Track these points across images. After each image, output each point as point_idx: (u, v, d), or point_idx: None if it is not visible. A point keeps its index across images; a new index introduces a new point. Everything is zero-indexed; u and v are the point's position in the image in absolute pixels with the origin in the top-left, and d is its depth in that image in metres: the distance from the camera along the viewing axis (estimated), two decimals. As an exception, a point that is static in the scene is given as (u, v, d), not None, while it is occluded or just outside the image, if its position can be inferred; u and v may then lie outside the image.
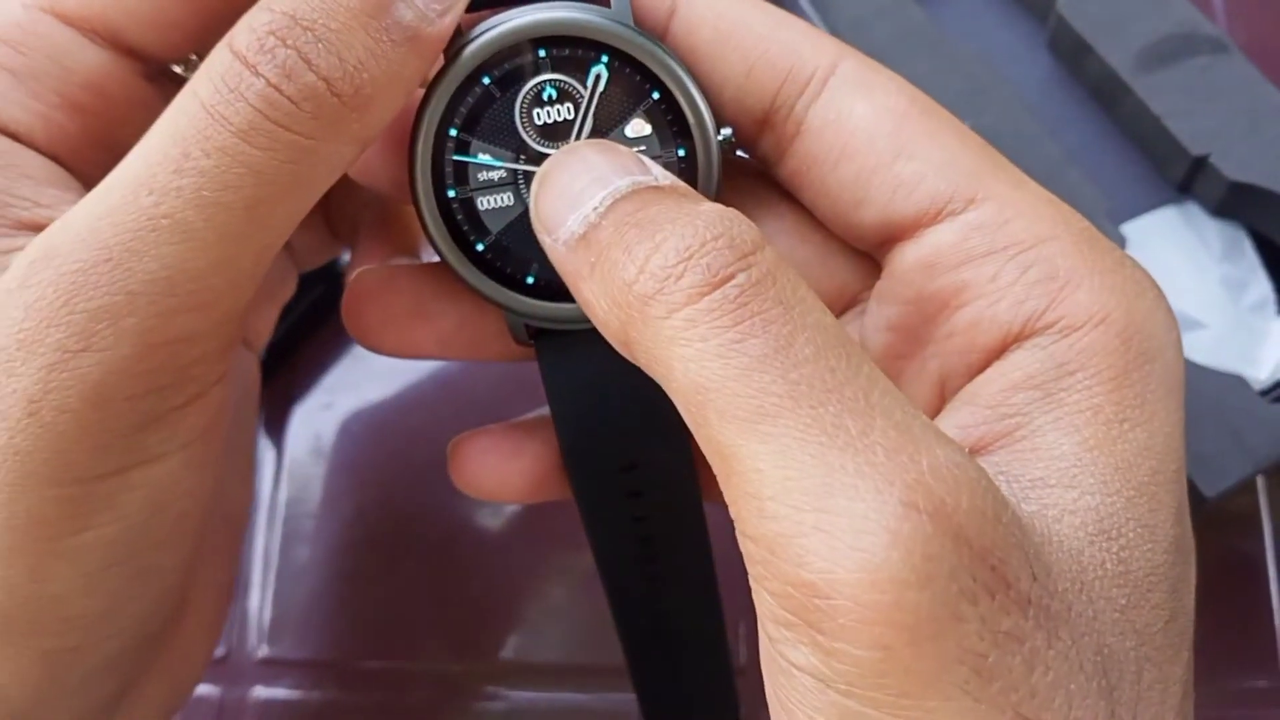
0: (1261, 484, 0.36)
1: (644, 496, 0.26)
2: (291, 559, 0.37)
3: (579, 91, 0.23)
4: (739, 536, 0.19)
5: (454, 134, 0.23)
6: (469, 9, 0.22)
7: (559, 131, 0.23)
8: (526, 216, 0.22)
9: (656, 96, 0.23)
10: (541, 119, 0.23)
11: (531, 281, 0.24)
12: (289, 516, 0.38)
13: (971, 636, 0.17)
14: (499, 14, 0.23)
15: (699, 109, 0.23)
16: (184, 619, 0.27)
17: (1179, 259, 0.36)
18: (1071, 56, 0.39)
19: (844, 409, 0.18)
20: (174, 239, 0.20)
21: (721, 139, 0.23)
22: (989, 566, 0.17)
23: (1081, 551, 0.19)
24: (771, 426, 0.18)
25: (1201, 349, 0.35)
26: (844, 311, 0.25)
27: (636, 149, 0.23)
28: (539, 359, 0.25)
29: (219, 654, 0.36)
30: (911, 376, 0.24)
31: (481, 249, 0.24)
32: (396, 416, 0.39)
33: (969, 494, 0.17)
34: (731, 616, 0.28)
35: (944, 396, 0.23)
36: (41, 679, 0.22)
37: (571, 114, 0.23)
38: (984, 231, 0.22)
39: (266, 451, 0.39)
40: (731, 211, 0.20)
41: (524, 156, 0.23)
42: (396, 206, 0.31)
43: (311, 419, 0.39)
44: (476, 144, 0.23)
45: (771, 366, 0.18)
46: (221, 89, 0.20)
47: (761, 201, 0.25)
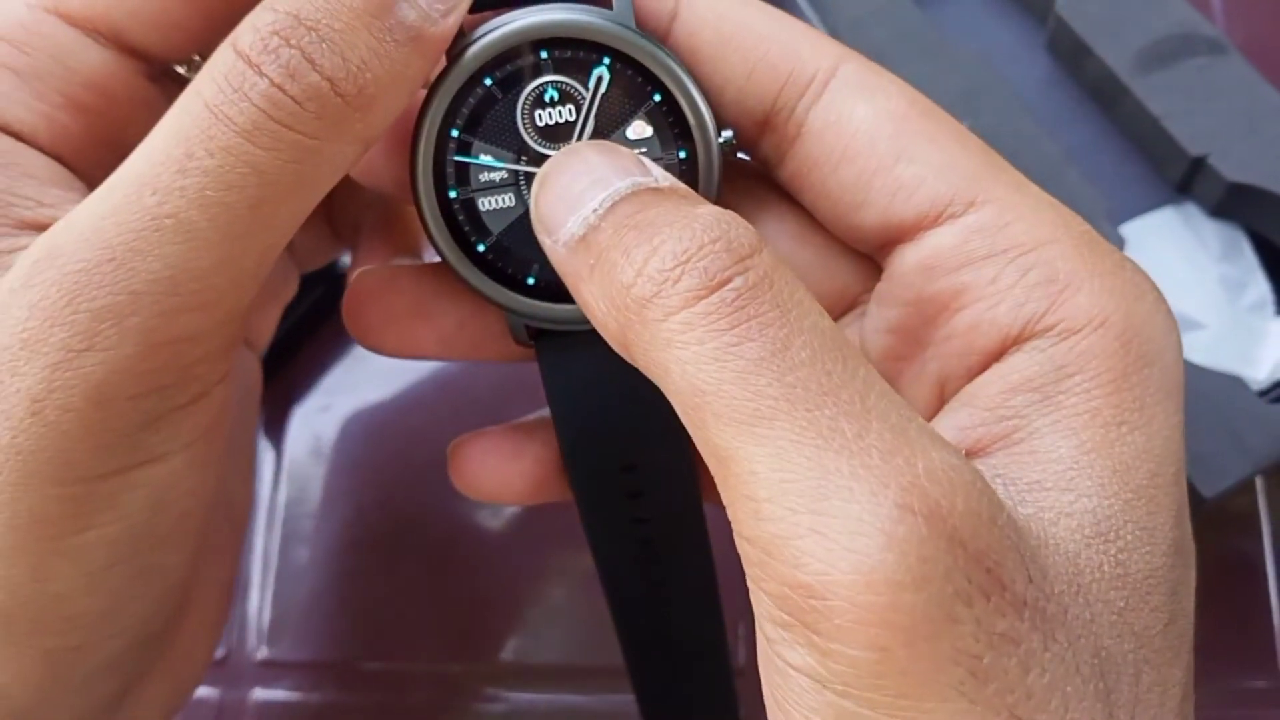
0: (1260, 484, 0.36)
1: (644, 498, 0.26)
2: (291, 560, 0.37)
3: (581, 93, 0.23)
4: (736, 538, 0.19)
5: (456, 135, 0.23)
6: (471, 10, 0.22)
7: (560, 133, 0.23)
8: (527, 217, 0.22)
9: (658, 99, 0.23)
10: (543, 120, 0.23)
11: (532, 282, 0.24)
12: (288, 517, 0.38)
13: (967, 638, 0.17)
14: (501, 15, 0.23)
15: (700, 111, 0.23)
16: (186, 618, 0.27)
17: (1177, 259, 0.36)
18: (1070, 57, 0.39)
19: (840, 412, 0.18)
20: (177, 238, 0.20)
21: (723, 141, 0.23)
22: (984, 569, 0.17)
23: (1078, 554, 0.19)
24: (768, 429, 0.18)
25: (1200, 349, 0.35)
26: (844, 313, 0.25)
27: (638, 151, 0.23)
28: (539, 360, 0.25)
29: (218, 655, 0.36)
30: (911, 378, 0.24)
31: (482, 249, 0.24)
32: (396, 417, 0.39)
33: (964, 497, 0.17)
34: (730, 618, 0.28)
35: (943, 398, 0.23)
36: (44, 678, 0.22)
37: (573, 115, 0.23)
38: (984, 234, 0.22)
39: (266, 452, 0.39)
40: (729, 214, 0.20)
41: (525, 158, 0.23)
42: (398, 207, 0.31)
43: (311, 420, 0.39)
44: (478, 145, 0.23)
45: (768, 369, 0.18)
46: (225, 89, 0.20)
47: (762, 203, 0.25)
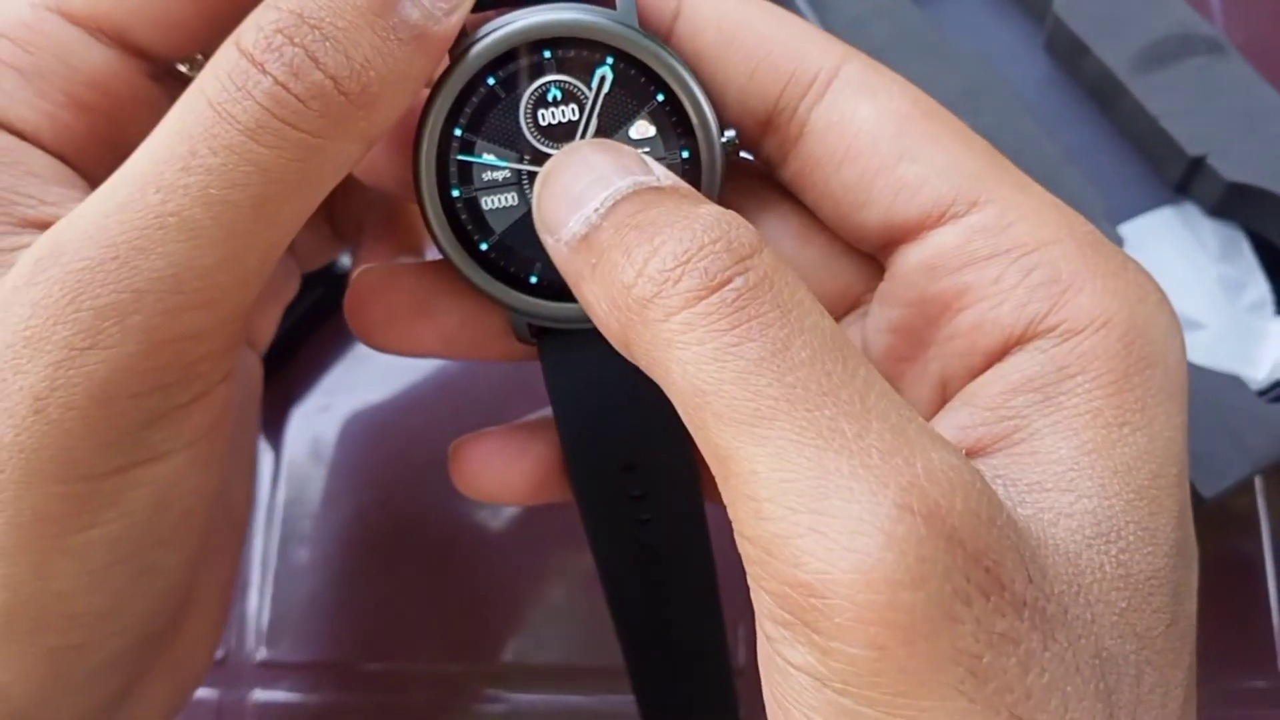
0: (1260, 484, 0.36)
1: (645, 499, 0.26)
2: (290, 561, 0.37)
3: (584, 93, 0.23)
4: (737, 537, 0.19)
5: (459, 134, 0.23)
6: (475, 9, 0.22)
7: (563, 132, 0.23)
8: (530, 216, 0.22)
9: (661, 98, 0.23)
10: (546, 120, 0.23)
11: (535, 281, 0.24)
12: (287, 518, 0.38)
13: (966, 637, 0.17)
14: (504, 14, 0.23)
15: (703, 111, 0.23)
16: (187, 617, 0.27)
17: (1176, 259, 0.36)
18: (1069, 57, 0.39)
19: (840, 412, 0.18)
20: (181, 236, 0.20)
21: (725, 141, 0.23)
22: (983, 568, 0.17)
23: (1079, 555, 0.19)
24: (768, 429, 0.18)
25: (1199, 349, 0.35)
26: (847, 313, 0.25)
27: (640, 150, 0.23)
28: (541, 358, 0.25)
29: (217, 656, 0.36)
30: (913, 378, 0.24)
31: (485, 248, 0.24)
32: (395, 418, 0.39)
33: (963, 497, 0.18)
34: (730, 618, 0.28)
35: (945, 398, 0.23)
36: (45, 677, 0.22)
37: (576, 115, 0.23)
38: (987, 234, 0.22)
39: (265, 453, 0.39)
40: (730, 214, 0.20)
41: (528, 157, 0.23)
42: (401, 206, 0.31)
43: (310, 421, 0.39)
44: (481, 144, 0.23)
45: (768, 370, 0.18)
46: (229, 87, 0.20)
47: (765, 203, 0.25)
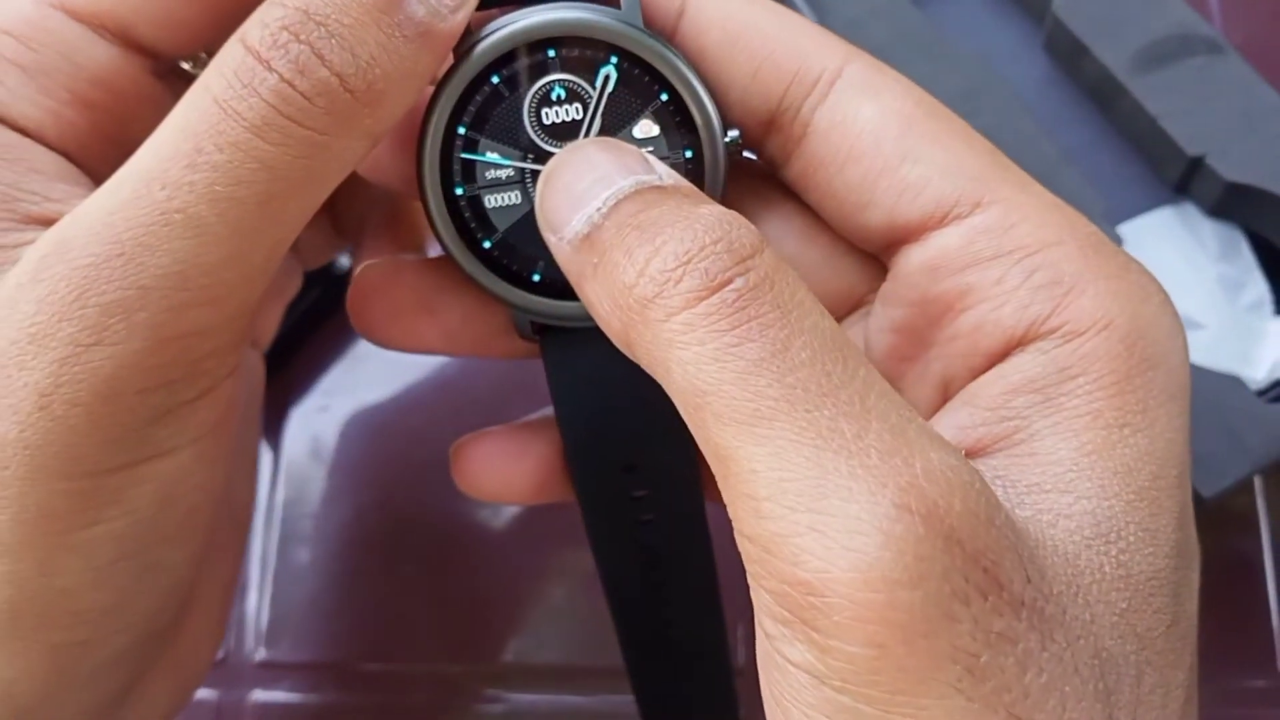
0: (1259, 484, 0.36)
1: (646, 499, 0.26)
2: (289, 561, 0.37)
3: (588, 92, 0.23)
4: (737, 536, 0.19)
5: (462, 132, 0.23)
6: (479, 7, 0.22)
7: (567, 131, 0.23)
8: (533, 215, 0.22)
9: (665, 98, 0.23)
10: (550, 119, 0.23)
11: (537, 279, 0.24)
12: (286, 518, 0.38)
13: (964, 636, 0.17)
14: (509, 13, 0.23)
15: (706, 110, 0.23)
16: (190, 615, 0.27)
17: (1175, 259, 0.36)
18: (1068, 57, 0.39)
19: (839, 412, 0.18)
20: (187, 234, 0.20)
21: (729, 140, 0.24)
22: (981, 568, 0.17)
23: (1078, 556, 0.19)
24: (768, 429, 0.18)
25: (1198, 349, 0.35)
26: (850, 312, 0.25)
27: (644, 150, 0.23)
28: (544, 355, 0.25)
29: (217, 656, 0.36)
30: (915, 378, 0.24)
31: (488, 246, 0.24)
32: (394, 418, 0.39)
33: (962, 497, 0.18)
34: (730, 618, 0.28)
35: (947, 398, 0.23)
36: (49, 673, 0.22)
37: (580, 114, 0.23)
38: (989, 235, 0.22)
39: (264, 453, 0.39)
40: (731, 214, 0.20)
41: (532, 155, 0.23)
42: (403, 203, 0.31)
43: (309, 421, 0.39)
44: (485, 142, 0.23)
45: (768, 370, 0.18)
46: (235, 84, 0.20)
47: (768, 202, 0.25)
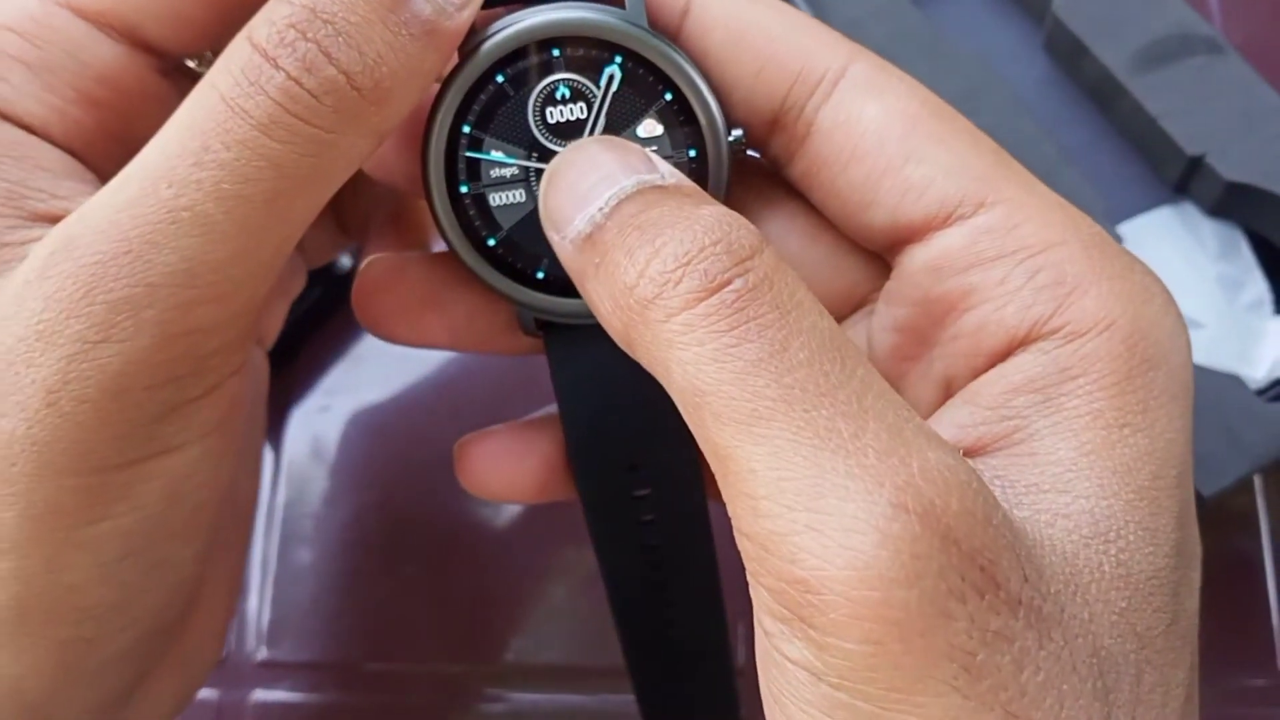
0: (1259, 483, 0.36)
1: (649, 499, 0.26)
2: (290, 561, 0.37)
3: (592, 91, 0.23)
4: (736, 534, 0.19)
5: (467, 130, 0.23)
6: (484, 6, 0.22)
7: (572, 130, 0.23)
8: (537, 213, 0.22)
9: (669, 97, 0.23)
10: (554, 118, 0.23)
11: (541, 276, 0.24)
12: (287, 518, 0.38)
13: (961, 634, 0.17)
14: (514, 13, 0.23)
15: (710, 110, 0.23)
16: (195, 612, 0.27)
17: (1175, 259, 0.36)
18: (1067, 57, 0.39)
19: (837, 412, 0.18)
20: (194, 231, 0.20)
21: (732, 139, 0.24)
22: (978, 567, 0.17)
23: (1076, 555, 0.19)
24: (766, 429, 0.18)
25: (1198, 349, 0.34)
26: (853, 311, 0.25)
27: (648, 149, 0.23)
28: (547, 352, 0.25)
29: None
30: (917, 377, 0.24)
31: (493, 244, 0.24)
32: (395, 418, 0.40)
33: (959, 496, 0.18)
34: (731, 618, 0.28)
35: (949, 398, 0.23)
36: (56, 670, 0.22)
37: (584, 113, 0.23)
38: (993, 236, 0.22)
39: (265, 453, 0.39)
40: (732, 215, 0.20)
41: (536, 154, 0.24)
42: (407, 201, 0.31)
43: (310, 421, 0.39)
44: (489, 141, 0.24)
45: (766, 370, 0.18)
46: (241, 82, 0.20)
47: (772, 201, 0.25)
